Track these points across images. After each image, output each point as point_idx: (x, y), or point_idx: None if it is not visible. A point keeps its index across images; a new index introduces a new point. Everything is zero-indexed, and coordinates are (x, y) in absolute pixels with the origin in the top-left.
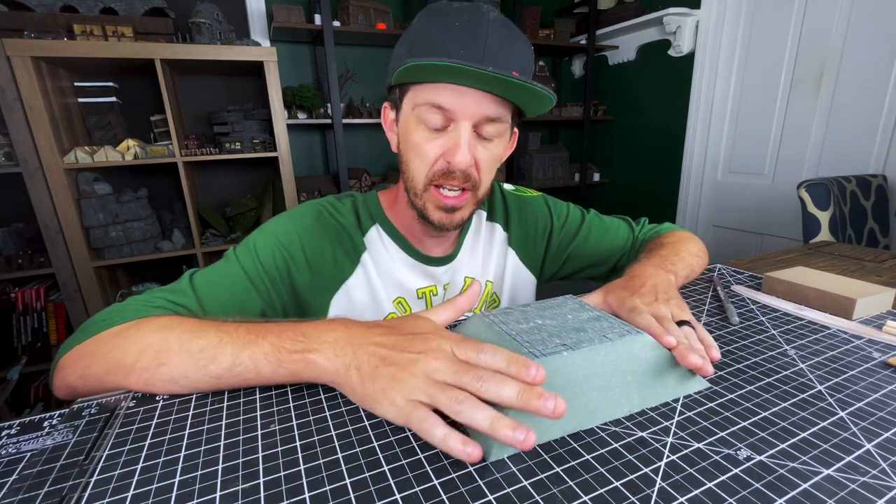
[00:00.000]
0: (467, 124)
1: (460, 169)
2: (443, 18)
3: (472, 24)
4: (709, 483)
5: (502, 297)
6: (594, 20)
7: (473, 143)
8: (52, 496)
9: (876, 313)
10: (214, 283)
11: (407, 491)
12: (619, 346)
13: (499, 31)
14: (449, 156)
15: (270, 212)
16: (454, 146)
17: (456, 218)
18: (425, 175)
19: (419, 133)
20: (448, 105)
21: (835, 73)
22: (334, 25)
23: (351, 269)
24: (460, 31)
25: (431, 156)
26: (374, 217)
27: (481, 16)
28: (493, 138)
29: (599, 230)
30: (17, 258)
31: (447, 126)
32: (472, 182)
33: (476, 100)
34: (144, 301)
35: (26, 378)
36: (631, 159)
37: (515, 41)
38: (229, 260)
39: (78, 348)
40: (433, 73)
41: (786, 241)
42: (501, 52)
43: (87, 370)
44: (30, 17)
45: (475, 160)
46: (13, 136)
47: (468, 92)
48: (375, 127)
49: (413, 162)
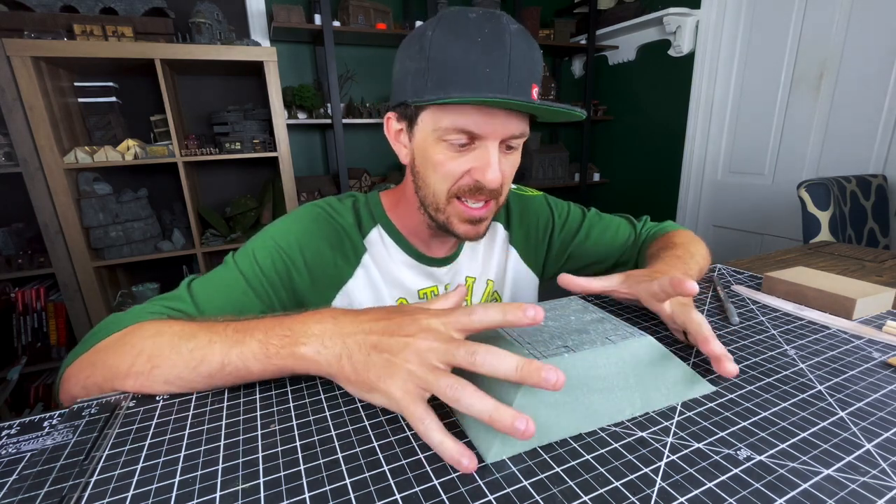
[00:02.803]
0: (496, 143)
1: (491, 188)
2: (463, 32)
3: (496, 38)
4: (709, 483)
5: (504, 295)
6: (594, 20)
7: (500, 158)
8: (52, 496)
9: (876, 313)
10: (213, 290)
11: (407, 491)
12: (622, 348)
13: (520, 44)
14: (478, 174)
15: (270, 212)
16: (484, 165)
17: (482, 229)
18: (447, 190)
19: (441, 152)
20: (477, 130)
21: (835, 73)
22: (334, 25)
23: (351, 270)
24: (484, 48)
25: (457, 173)
26: (375, 218)
27: (503, 29)
28: (514, 151)
29: (600, 228)
30: (17, 258)
31: (472, 143)
32: (496, 192)
33: (503, 120)
34: (142, 309)
35: (26, 378)
36: (631, 159)
37: (533, 50)
38: (228, 266)
39: (79, 360)
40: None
41: (786, 241)
42: (524, 67)
43: (88, 380)
44: (30, 17)
45: (503, 175)
46: (13, 136)
47: (497, 113)
48: (375, 127)
49: (432, 178)
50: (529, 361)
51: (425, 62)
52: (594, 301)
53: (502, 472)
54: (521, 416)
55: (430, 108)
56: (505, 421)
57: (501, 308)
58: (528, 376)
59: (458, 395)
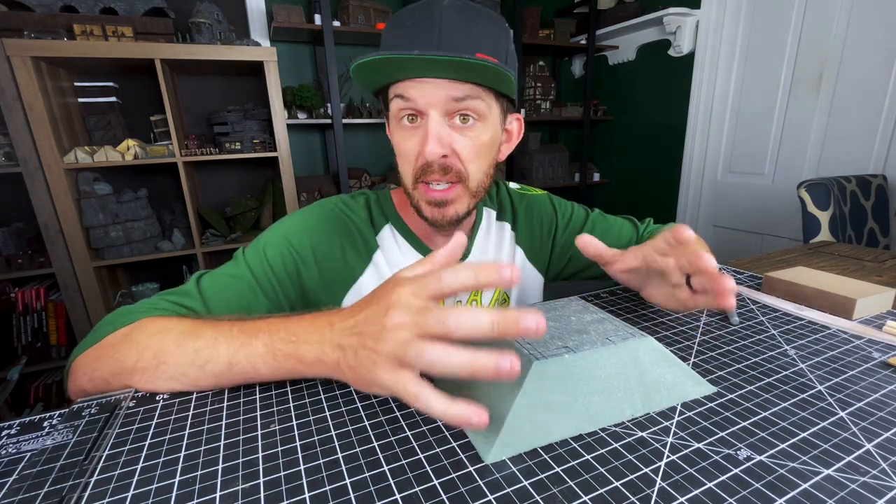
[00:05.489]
0: (434, 113)
1: (431, 161)
2: (398, 23)
3: (425, 18)
4: (709, 483)
5: (511, 295)
6: (594, 20)
7: (447, 133)
8: (52, 496)
9: (876, 313)
10: (221, 285)
11: (407, 491)
12: (622, 349)
13: (455, 16)
14: (421, 146)
15: (270, 212)
16: (424, 138)
17: (448, 212)
18: (412, 174)
19: (398, 134)
20: (410, 94)
21: (835, 73)
22: (334, 25)
23: (362, 267)
24: (413, 29)
25: (412, 153)
26: (387, 215)
27: (432, 7)
28: (472, 124)
29: (603, 228)
30: (17, 258)
31: (419, 120)
32: (455, 173)
33: (436, 85)
34: (150, 304)
35: (26, 378)
36: (631, 159)
37: (476, 21)
38: (237, 261)
39: (87, 352)
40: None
41: (786, 241)
42: (460, 36)
43: (95, 373)
44: (30, 17)
45: (453, 150)
46: (13, 136)
47: (428, 80)
48: (375, 127)
49: (400, 162)
50: (505, 313)
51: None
52: (594, 302)
53: (502, 472)
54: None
55: (392, 95)
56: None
57: (473, 269)
58: (507, 330)
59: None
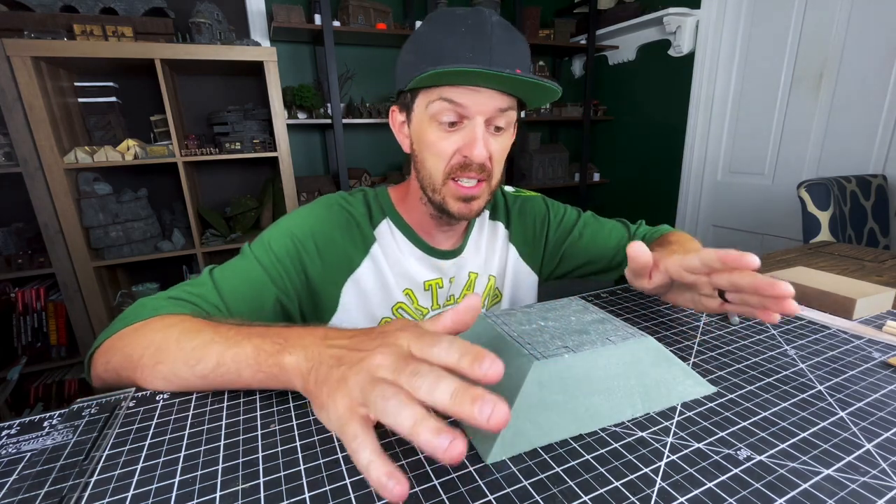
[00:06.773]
0: (481, 119)
1: (478, 162)
2: (449, 25)
3: (478, 27)
4: (709, 483)
5: (504, 292)
6: (594, 20)
7: (487, 137)
8: (52, 496)
9: (876, 313)
10: (231, 275)
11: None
12: (623, 349)
13: (501, 33)
14: (466, 150)
15: (270, 211)
16: (471, 141)
17: (474, 207)
18: (443, 171)
19: (433, 132)
20: (463, 101)
21: (835, 73)
22: (334, 25)
23: (360, 259)
24: (467, 36)
25: (448, 152)
26: (384, 211)
27: (485, 20)
28: (503, 130)
29: (594, 228)
30: (17, 258)
31: (461, 122)
32: (486, 172)
33: (487, 96)
34: (166, 295)
35: (26, 378)
36: (631, 159)
37: (516, 40)
38: (245, 254)
39: (107, 342)
40: (450, 78)
41: (786, 241)
42: (506, 52)
43: (109, 364)
44: (30, 17)
45: (489, 152)
46: (13, 136)
47: (481, 90)
48: (375, 127)
49: (429, 160)
50: (466, 389)
51: (417, 54)
52: (594, 302)
53: (502, 472)
54: (445, 431)
55: (423, 92)
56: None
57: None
58: (460, 408)
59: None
